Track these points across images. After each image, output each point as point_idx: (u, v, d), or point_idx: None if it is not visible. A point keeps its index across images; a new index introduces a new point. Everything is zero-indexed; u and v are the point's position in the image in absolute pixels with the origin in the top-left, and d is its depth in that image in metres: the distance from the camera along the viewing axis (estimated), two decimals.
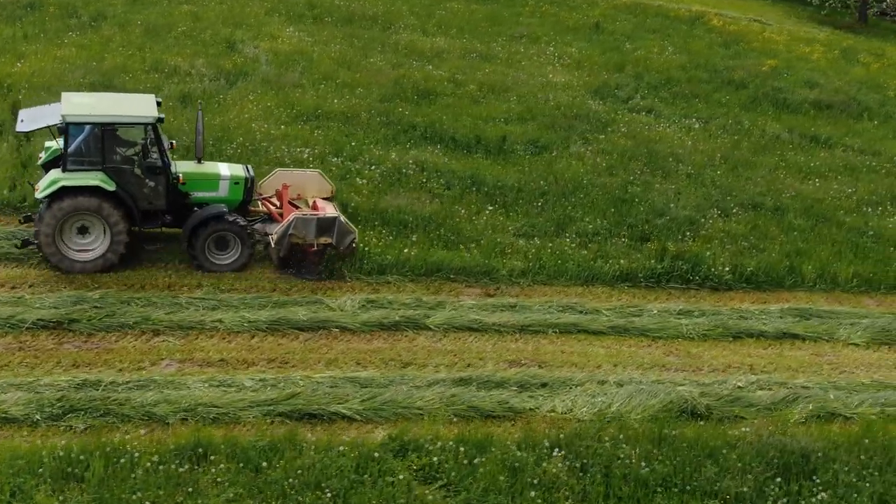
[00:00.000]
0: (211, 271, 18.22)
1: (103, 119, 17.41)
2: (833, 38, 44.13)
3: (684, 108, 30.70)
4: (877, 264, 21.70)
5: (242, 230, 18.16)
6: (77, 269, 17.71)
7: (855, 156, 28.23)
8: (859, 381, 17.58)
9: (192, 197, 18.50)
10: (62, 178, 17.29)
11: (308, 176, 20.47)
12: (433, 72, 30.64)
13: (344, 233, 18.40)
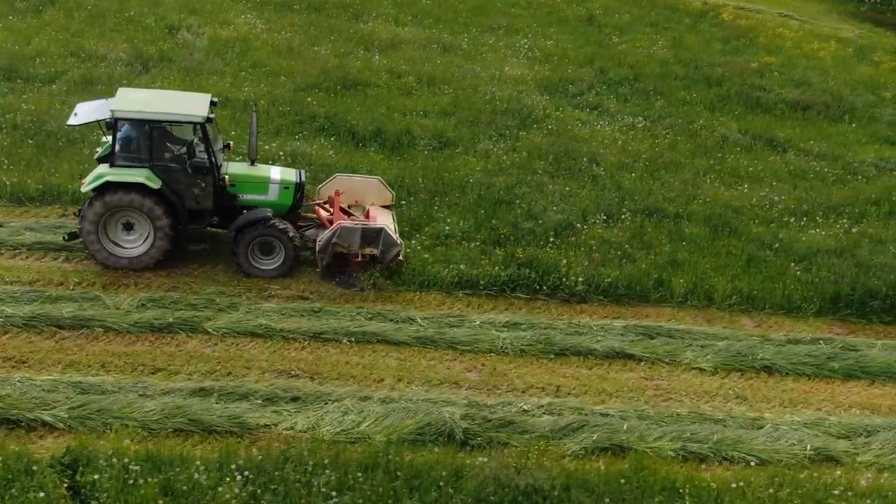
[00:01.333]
0: (254, 276, 18.05)
1: (152, 116, 17.30)
2: (865, 36, 40.99)
3: (640, 105, 28.75)
4: (766, 281, 19.65)
5: (285, 235, 17.81)
6: (122, 264, 17.77)
7: (807, 161, 25.90)
8: (675, 412, 15.63)
9: (241, 199, 18.28)
10: (108, 174, 17.27)
11: (367, 182, 19.96)
12: (378, 62, 29.41)
13: (389, 245, 17.97)
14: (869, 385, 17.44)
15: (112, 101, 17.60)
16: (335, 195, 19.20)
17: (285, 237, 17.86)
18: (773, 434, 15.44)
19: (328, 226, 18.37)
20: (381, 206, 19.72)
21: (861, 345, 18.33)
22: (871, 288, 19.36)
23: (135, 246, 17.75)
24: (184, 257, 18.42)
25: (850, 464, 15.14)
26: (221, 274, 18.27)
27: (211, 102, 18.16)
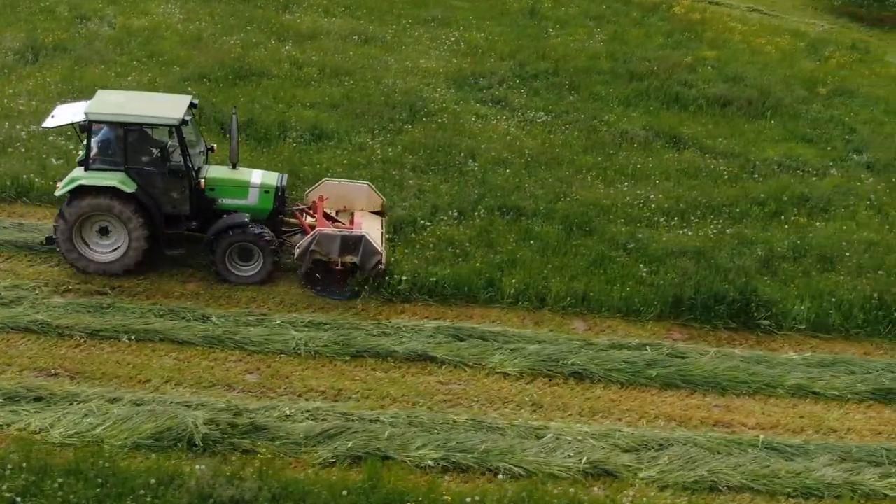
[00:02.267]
0: (233, 283, 17.68)
1: (125, 119, 17.01)
2: (834, 31, 39.62)
3: (549, 100, 27.81)
4: (607, 283, 18.57)
5: (264, 241, 17.43)
6: (92, 269, 17.49)
7: (706, 159, 24.80)
8: (452, 419, 14.83)
9: (220, 203, 17.91)
10: (81, 177, 17.01)
11: (356, 188, 19.52)
12: (287, 52, 28.77)
13: (369, 253, 17.49)
14: (687, 395, 16.47)
15: (88, 104, 17.34)
16: (319, 200, 18.70)
17: (263, 243, 17.44)
18: (550, 445, 14.59)
19: (309, 232, 17.90)
20: (370, 212, 19.27)
21: (692, 352, 17.33)
22: (717, 292, 18.24)
23: (111, 251, 17.42)
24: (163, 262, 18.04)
25: (627, 479, 14.18)
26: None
27: (191, 104, 17.77)
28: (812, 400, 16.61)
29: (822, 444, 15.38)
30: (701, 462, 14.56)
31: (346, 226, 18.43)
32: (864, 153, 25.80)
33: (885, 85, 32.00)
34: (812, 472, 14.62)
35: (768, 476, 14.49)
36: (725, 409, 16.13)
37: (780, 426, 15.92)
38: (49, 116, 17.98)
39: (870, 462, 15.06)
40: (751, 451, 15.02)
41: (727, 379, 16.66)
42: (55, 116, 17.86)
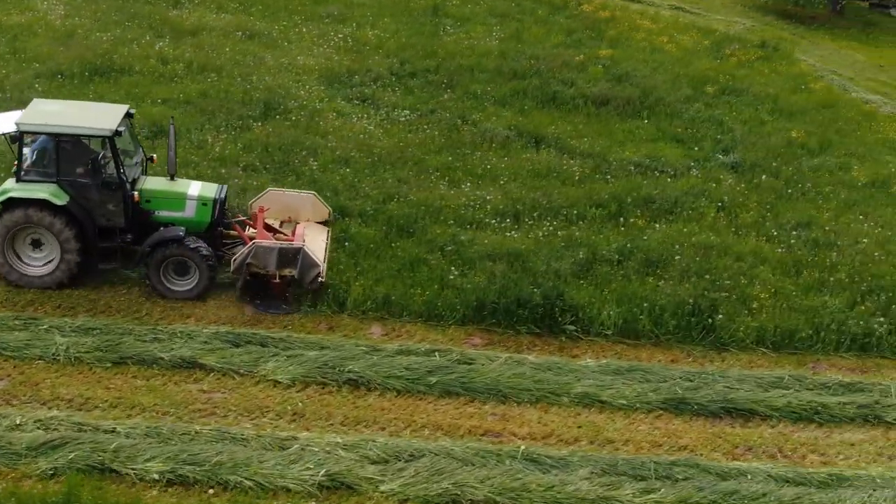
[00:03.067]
0: (168, 298, 17.23)
1: (57, 129, 16.62)
2: (755, 29, 39.03)
3: (421, 98, 27.27)
4: (413, 287, 18.03)
5: (199, 255, 16.96)
6: (32, 283, 17.18)
7: (562, 159, 24.30)
8: (195, 430, 14.23)
9: (156, 216, 17.49)
10: (12, 189, 16.64)
11: (301, 198, 19.17)
12: (158, 48, 28.31)
13: (308, 266, 17.06)
14: (466, 403, 15.93)
15: (20, 113, 17.02)
16: (259, 211, 18.24)
17: (199, 257, 16.98)
18: (293, 456, 13.96)
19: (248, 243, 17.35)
20: (316, 223, 18.94)
21: (482, 358, 16.80)
22: (521, 296, 17.63)
23: (43, 264, 17.02)
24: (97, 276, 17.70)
25: (367, 492, 13.57)
26: None
27: (127, 114, 17.39)
28: (597, 409, 16.04)
29: (588, 456, 14.83)
30: (448, 474, 14.02)
31: (288, 237, 17.99)
32: (732, 153, 25.22)
33: (782, 83, 31.42)
34: (566, 486, 14.05)
35: (517, 489, 13.91)
36: (501, 418, 15.56)
37: (554, 436, 15.35)
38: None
39: (634, 476, 14.50)
40: (508, 462, 14.40)
41: (511, 386, 16.09)
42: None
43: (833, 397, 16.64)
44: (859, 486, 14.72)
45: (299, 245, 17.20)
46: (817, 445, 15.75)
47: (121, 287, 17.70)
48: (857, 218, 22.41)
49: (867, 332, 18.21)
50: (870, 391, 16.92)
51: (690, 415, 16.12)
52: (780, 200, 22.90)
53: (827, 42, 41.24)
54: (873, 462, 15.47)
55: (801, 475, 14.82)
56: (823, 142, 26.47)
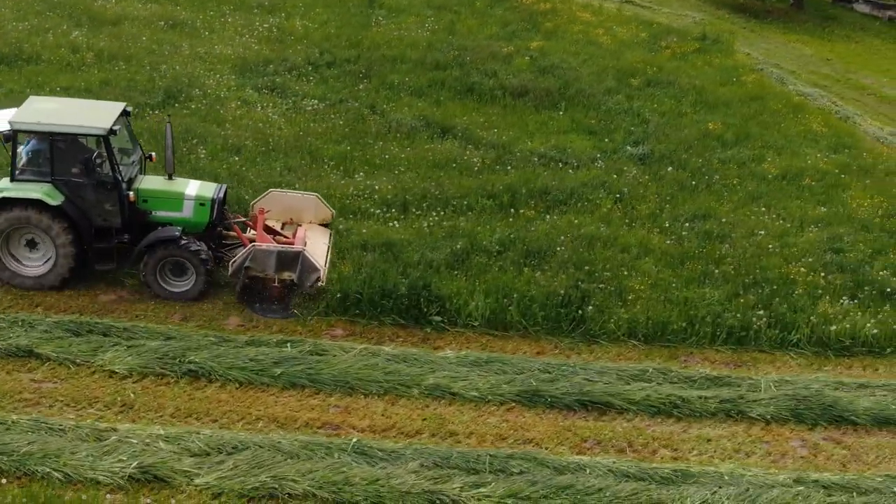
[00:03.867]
0: (164, 299, 16.94)
1: (50, 128, 16.25)
2: (705, 21, 38.55)
3: (334, 88, 26.84)
4: None
5: (195, 256, 16.65)
6: (27, 285, 16.94)
7: (465, 150, 23.93)
8: (12, 419, 13.84)
9: (153, 216, 17.15)
10: (6, 189, 16.31)
11: (304, 199, 18.80)
12: (73, 38, 27.92)
13: (308, 269, 16.74)
14: (311, 395, 15.44)
15: (15, 111, 16.62)
16: (259, 213, 17.89)
17: (195, 258, 16.67)
18: (108, 448, 13.52)
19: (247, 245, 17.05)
20: (318, 225, 18.62)
21: (335, 349, 16.28)
22: (386, 287, 17.16)
23: (39, 265, 16.75)
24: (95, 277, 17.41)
25: (180, 485, 13.08)
26: None
27: (123, 112, 17.04)
28: (447, 401, 15.55)
29: (424, 449, 14.28)
30: (269, 467, 13.50)
31: (288, 240, 17.66)
32: (642, 145, 24.70)
33: (713, 75, 30.99)
34: (391, 480, 13.52)
35: (339, 483, 13.41)
36: (343, 410, 15.08)
37: (395, 429, 14.86)
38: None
39: (467, 469, 13.99)
40: (337, 455, 13.90)
41: (359, 378, 15.61)
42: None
43: (696, 391, 16.10)
44: (704, 483, 14.22)
45: (299, 248, 16.84)
46: (671, 440, 15.23)
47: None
48: (759, 210, 21.91)
49: (745, 325, 17.66)
50: (737, 385, 16.42)
51: (543, 407, 15.62)
52: (681, 192, 22.40)
53: (777, 36, 40.79)
54: (728, 459, 14.97)
55: (643, 470, 14.31)
56: (741, 134, 25.97)
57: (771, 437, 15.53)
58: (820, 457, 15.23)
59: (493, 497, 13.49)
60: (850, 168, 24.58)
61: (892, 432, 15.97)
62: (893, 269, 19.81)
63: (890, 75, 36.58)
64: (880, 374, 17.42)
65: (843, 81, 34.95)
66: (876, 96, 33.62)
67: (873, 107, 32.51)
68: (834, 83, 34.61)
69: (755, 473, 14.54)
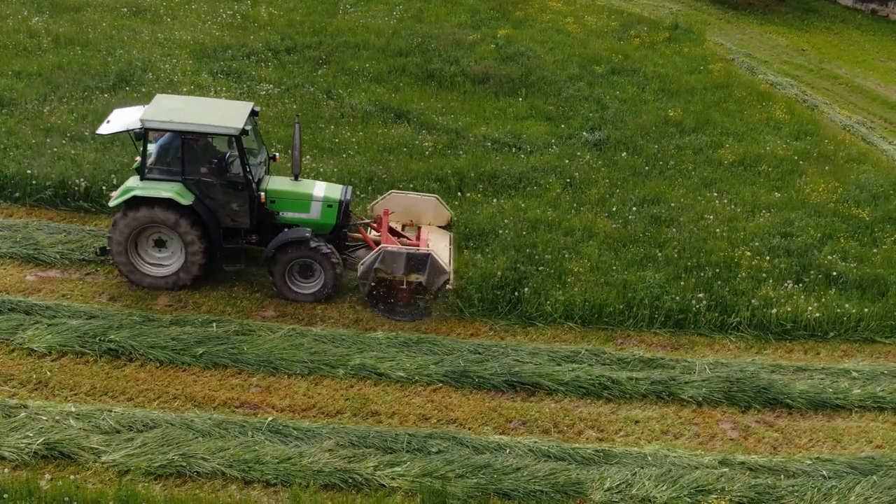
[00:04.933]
0: (293, 300, 16.83)
1: (183, 127, 15.98)
2: (682, 13, 38.28)
3: (290, 73, 26.47)
4: None
5: (326, 258, 16.48)
6: (146, 283, 16.67)
7: (419, 134, 23.60)
8: None
9: (281, 217, 17.03)
10: (136, 188, 16.07)
11: (424, 201, 18.60)
12: (32, 24, 27.88)
13: (436, 272, 16.60)
14: (233, 374, 15.31)
15: (145, 109, 16.30)
16: (384, 214, 17.82)
17: (325, 260, 16.54)
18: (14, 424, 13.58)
19: (373, 248, 16.96)
20: (437, 227, 18.47)
21: (262, 329, 16.07)
22: None
23: (167, 264, 16.60)
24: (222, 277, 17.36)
25: (87, 462, 12.92)
26: None
27: (252, 112, 16.76)
28: (372, 382, 15.34)
29: (341, 428, 14.04)
30: (178, 445, 13.31)
31: (412, 241, 17.58)
32: (599, 131, 24.40)
33: (680, 63, 30.73)
34: (304, 458, 13.29)
35: (250, 461, 13.22)
36: (264, 390, 14.86)
37: (315, 408, 14.65)
38: (104, 122, 16.83)
39: (384, 449, 13.79)
40: (251, 434, 13.66)
41: (284, 358, 15.39)
42: (110, 122, 16.74)
43: (627, 373, 15.84)
44: (626, 464, 13.99)
45: (428, 250, 16.64)
46: (598, 421, 15.00)
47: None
48: (710, 196, 21.64)
49: (684, 308, 17.40)
50: (671, 368, 16.17)
51: (471, 388, 15.38)
52: (633, 177, 22.15)
53: (754, 27, 40.51)
54: (655, 440, 14.75)
55: (565, 450, 14.08)
56: (701, 121, 25.70)
57: (701, 420, 15.25)
58: (750, 439, 14.93)
59: (406, 476, 13.26)
60: (809, 155, 24.30)
61: (827, 416, 15.66)
62: (842, 254, 19.46)
63: (865, 66, 36.27)
64: (821, 358, 17.10)
65: (816, 71, 34.64)
66: (848, 86, 33.32)
67: (844, 96, 32.21)
68: (806, 73, 34.32)
69: (680, 455, 14.27)
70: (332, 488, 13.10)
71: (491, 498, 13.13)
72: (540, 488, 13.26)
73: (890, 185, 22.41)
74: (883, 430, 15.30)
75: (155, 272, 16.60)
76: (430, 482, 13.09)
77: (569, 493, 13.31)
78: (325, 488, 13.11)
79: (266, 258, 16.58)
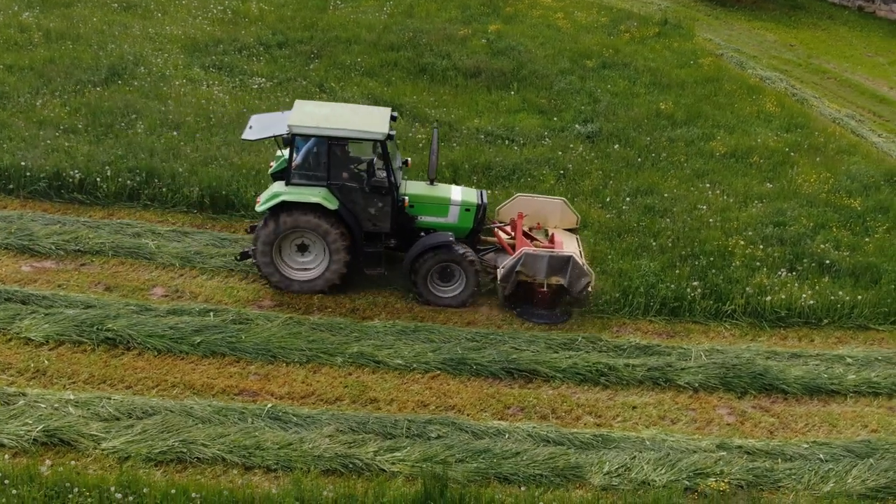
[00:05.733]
0: (433, 304, 16.88)
1: (330, 132, 16.11)
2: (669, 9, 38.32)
3: (282, 67, 26.48)
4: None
5: (469, 262, 16.55)
6: (294, 288, 16.78)
7: (410, 127, 23.57)
8: None
9: (419, 221, 17.11)
10: (284, 193, 16.13)
11: (551, 203, 18.43)
12: (23, 18, 27.79)
13: (578, 275, 16.46)
14: (231, 363, 15.42)
15: (289, 115, 16.49)
16: (518, 218, 17.74)
17: (468, 264, 16.59)
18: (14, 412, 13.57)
19: (510, 251, 17.08)
20: (564, 230, 18.25)
21: (260, 318, 16.24)
22: None
23: (309, 268, 16.68)
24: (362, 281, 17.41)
25: (87, 449, 12.91)
26: None
27: (391, 117, 16.80)
28: (370, 369, 15.37)
29: (340, 415, 14.06)
30: (178, 432, 13.32)
31: (544, 244, 17.54)
32: (591, 124, 24.48)
33: (670, 58, 30.79)
34: (304, 444, 13.31)
35: (250, 447, 13.22)
36: (263, 378, 14.87)
37: (314, 396, 14.69)
38: (247, 128, 16.90)
39: (383, 434, 13.84)
40: (251, 420, 13.67)
41: (282, 346, 15.41)
42: (252, 128, 16.80)
43: (624, 360, 15.90)
44: (625, 448, 14.05)
45: (569, 253, 16.58)
46: (596, 407, 15.06)
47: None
48: (703, 187, 21.75)
49: (679, 295, 17.49)
50: (667, 354, 16.25)
51: (469, 375, 15.42)
52: (626, 169, 22.24)
53: (742, 23, 40.64)
54: (653, 425, 14.82)
55: (563, 435, 14.13)
56: (692, 113, 25.81)
57: (698, 405, 15.33)
58: (747, 424, 15.01)
59: (406, 461, 13.29)
60: (800, 147, 24.44)
61: (822, 401, 15.75)
62: (834, 243, 19.60)
63: (853, 61, 36.46)
64: (815, 345, 17.20)
65: (805, 66, 34.81)
66: (836, 80, 33.50)
67: (833, 90, 32.39)
68: (795, 68, 34.47)
69: (678, 439, 14.33)
70: (332, 473, 13.11)
71: (491, 482, 13.11)
72: (539, 472, 13.29)
73: (880, 176, 22.55)
74: (878, 414, 15.37)
75: (300, 276, 16.70)
76: (430, 467, 13.08)
77: (568, 477, 13.34)
78: (326, 473, 13.11)
79: (408, 262, 16.63)
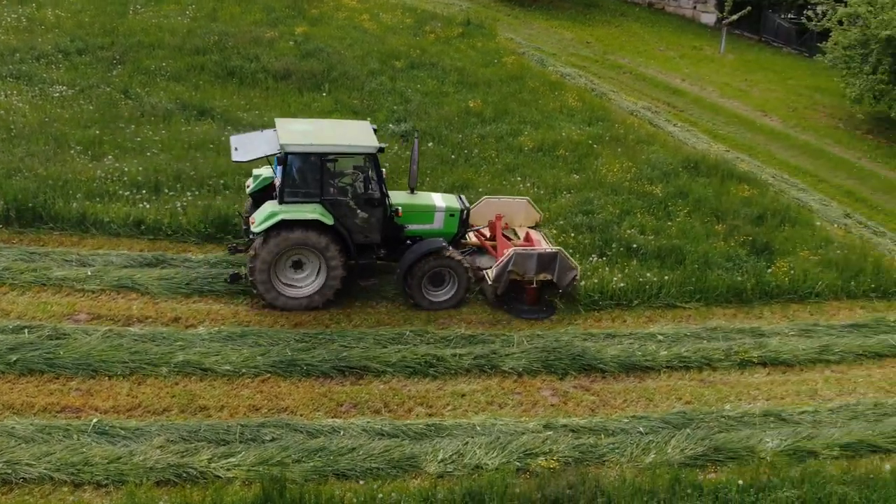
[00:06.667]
0: (427, 309, 17.08)
1: (324, 149, 16.06)
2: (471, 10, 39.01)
3: (83, 74, 25.54)
4: None
5: (460, 265, 16.91)
6: (292, 305, 16.62)
7: (224, 131, 23.07)
8: None
9: (407, 230, 17.19)
10: (281, 211, 15.86)
11: (515, 203, 19.13)
12: None
13: (565, 269, 17.13)
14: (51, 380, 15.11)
15: (278, 134, 16.23)
16: (496, 219, 18.33)
17: (460, 267, 16.97)
18: None
19: (493, 252, 17.76)
20: (529, 227, 18.97)
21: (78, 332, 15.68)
22: None
23: (306, 285, 16.46)
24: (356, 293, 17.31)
25: None
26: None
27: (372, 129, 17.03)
28: (198, 377, 15.16)
29: (169, 425, 13.82)
30: (0, 453, 12.56)
31: (521, 243, 18.07)
32: (405, 123, 24.79)
33: (475, 57, 31.60)
34: (135, 457, 12.97)
35: (78, 464, 12.78)
36: (85, 393, 14.39)
37: (141, 408, 14.34)
38: (232, 149, 16.61)
39: (216, 441, 13.63)
40: (77, 437, 13.21)
41: (103, 360, 14.98)
42: (238, 150, 16.52)
43: (451, 350, 16.25)
44: (457, 435, 14.40)
45: (555, 249, 17.19)
46: (427, 398, 15.36)
47: None
48: (515, 180, 22.44)
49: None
50: (491, 342, 16.70)
51: (299, 376, 15.43)
52: (441, 165, 22.71)
53: (540, 22, 42.07)
54: (482, 411, 15.21)
55: (397, 428, 14.35)
56: (500, 111, 26.58)
57: (523, 388, 15.87)
58: (570, 403, 15.65)
59: (242, 466, 13.23)
60: (602, 139, 25.58)
61: (638, 377, 16.59)
62: (640, 228, 20.63)
63: (646, 55, 38.40)
64: (628, 325, 18.07)
65: (602, 62, 36.41)
66: (632, 74, 35.20)
67: (629, 84, 34.02)
68: (592, 64, 36.00)
69: (507, 422, 14.80)
70: (167, 484, 12.92)
71: (329, 479, 13.22)
72: (376, 465, 13.49)
73: (678, 163, 23.92)
74: (690, 387, 16.35)
75: (297, 293, 16.69)
76: (267, 470, 13.04)
77: (405, 468, 13.59)
78: (160, 485, 12.90)
79: (404, 269, 16.89)
